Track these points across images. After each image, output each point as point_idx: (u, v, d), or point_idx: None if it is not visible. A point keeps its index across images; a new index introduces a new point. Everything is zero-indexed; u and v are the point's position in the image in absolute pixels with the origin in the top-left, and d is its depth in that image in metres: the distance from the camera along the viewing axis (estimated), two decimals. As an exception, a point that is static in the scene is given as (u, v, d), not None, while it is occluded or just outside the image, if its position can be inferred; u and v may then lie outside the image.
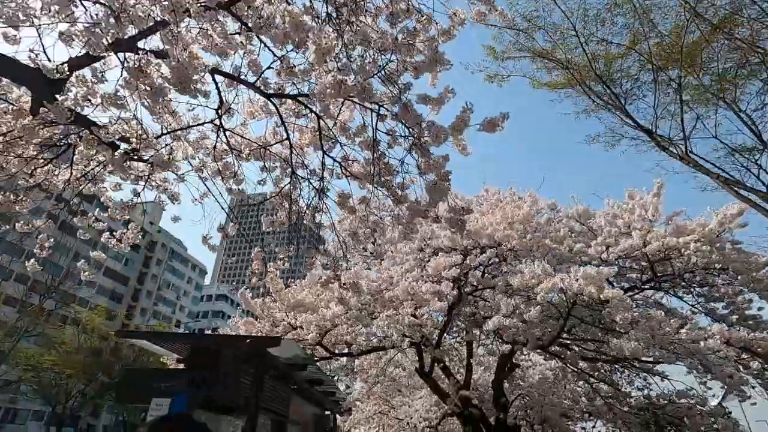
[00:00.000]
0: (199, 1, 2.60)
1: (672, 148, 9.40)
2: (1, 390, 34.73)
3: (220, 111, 4.76)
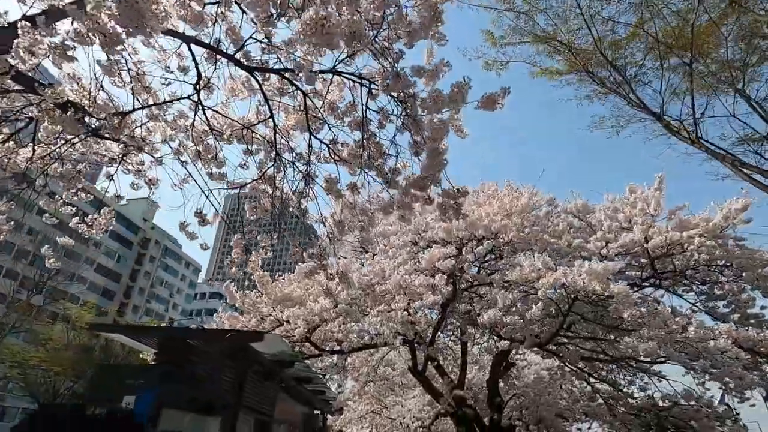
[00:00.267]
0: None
1: (682, 132, 9.04)
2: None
3: (198, 86, 4.43)
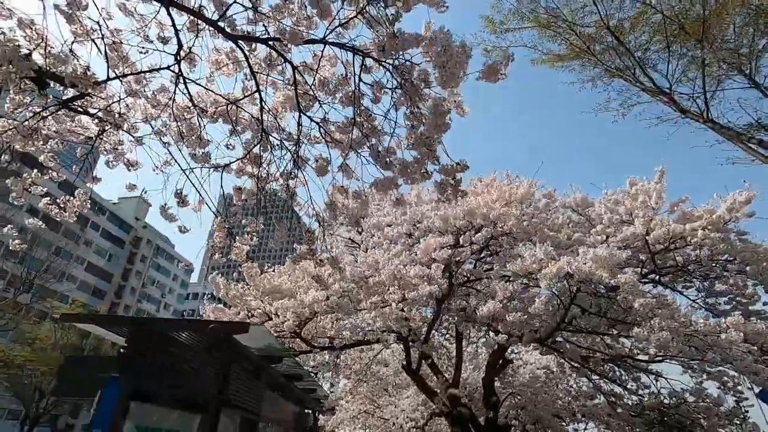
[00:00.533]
0: None
1: (693, 111, 8.73)
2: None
3: (179, 56, 4.12)
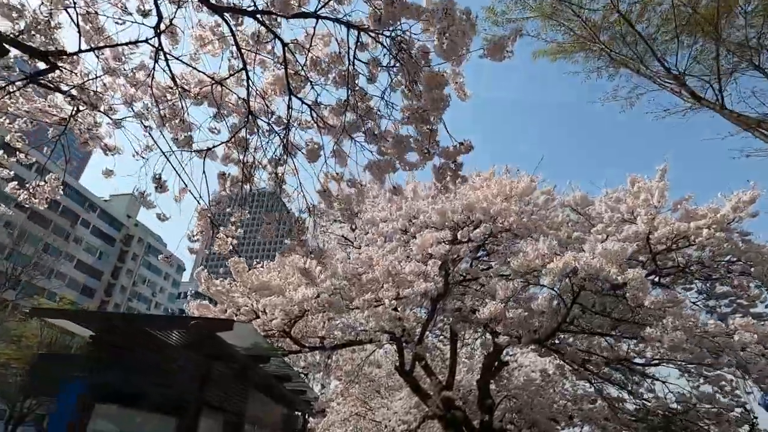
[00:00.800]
0: None
1: (708, 99, 8.46)
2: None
3: (158, 29, 3.82)
